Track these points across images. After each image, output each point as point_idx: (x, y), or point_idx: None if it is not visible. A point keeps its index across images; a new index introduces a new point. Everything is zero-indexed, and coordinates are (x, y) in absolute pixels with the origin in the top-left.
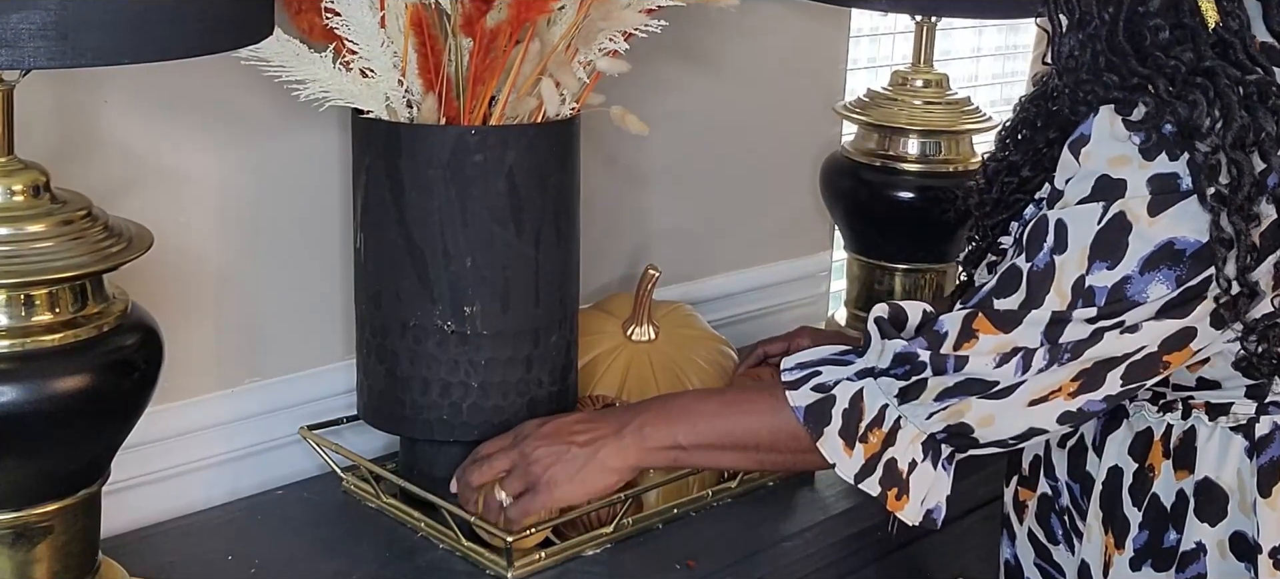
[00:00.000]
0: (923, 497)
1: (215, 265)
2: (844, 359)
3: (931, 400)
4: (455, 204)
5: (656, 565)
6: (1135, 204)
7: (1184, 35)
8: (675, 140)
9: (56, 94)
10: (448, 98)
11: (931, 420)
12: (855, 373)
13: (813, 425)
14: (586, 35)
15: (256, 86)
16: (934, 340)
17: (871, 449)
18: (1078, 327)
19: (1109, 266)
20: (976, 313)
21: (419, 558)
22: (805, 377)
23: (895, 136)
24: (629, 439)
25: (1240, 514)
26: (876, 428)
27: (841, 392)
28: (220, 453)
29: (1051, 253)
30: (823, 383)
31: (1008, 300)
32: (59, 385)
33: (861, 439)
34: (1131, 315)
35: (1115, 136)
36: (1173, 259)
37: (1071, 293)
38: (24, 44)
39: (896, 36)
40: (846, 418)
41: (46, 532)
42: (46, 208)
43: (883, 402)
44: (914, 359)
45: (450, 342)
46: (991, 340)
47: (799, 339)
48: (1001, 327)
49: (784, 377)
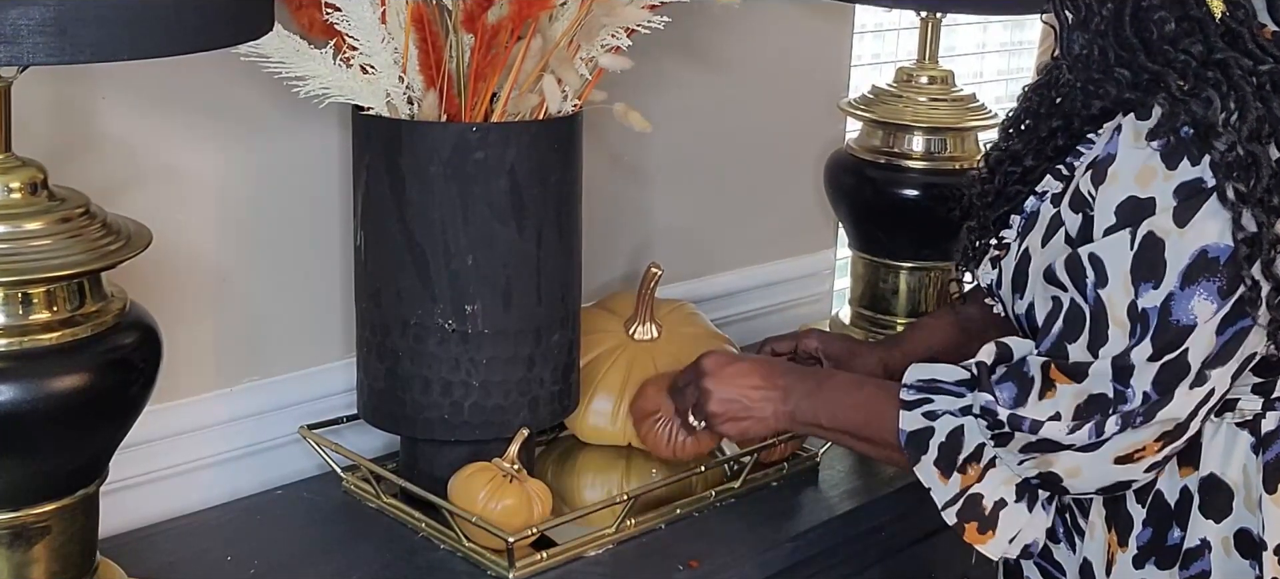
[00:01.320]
0: (1013, 535)
1: (214, 263)
2: (958, 389)
3: (1018, 451)
4: (456, 202)
5: (658, 565)
6: (1162, 218)
7: (1192, 27)
8: (678, 137)
9: (54, 91)
10: (449, 94)
11: (1023, 467)
12: (960, 407)
13: (912, 451)
14: (589, 31)
15: (256, 83)
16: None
17: (967, 481)
18: (1142, 372)
19: (1154, 286)
20: (1051, 363)
21: (419, 558)
22: (920, 400)
23: (900, 133)
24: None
25: (1245, 511)
26: (974, 462)
27: (942, 426)
28: (219, 452)
29: (1096, 288)
30: (931, 411)
31: (1077, 345)
32: (57, 384)
33: (960, 470)
34: (1188, 344)
35: (1138, 148)
36: (1209, 269)
37: (1129, 319)
38: (23, 40)
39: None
40: (943, 451)
41: (44, 532)
42: (44, 205)
43: (981, 440)
44: (995, 417)
45: (451, 340)
46: (1068, 390)
47: (806, 340)
48: (1074, 377)
49: (903, 394)
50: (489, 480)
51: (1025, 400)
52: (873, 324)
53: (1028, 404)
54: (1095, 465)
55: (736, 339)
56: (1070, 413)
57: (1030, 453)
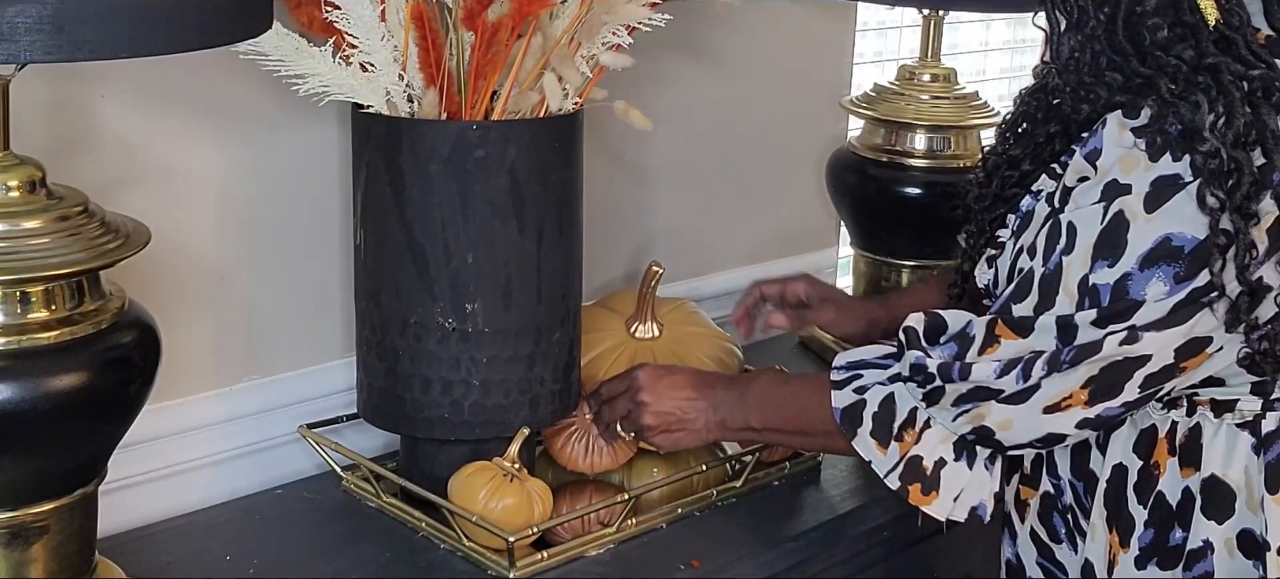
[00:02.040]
0: (957, 493)
1: (213, 262)
2: (884, 362)
3: (950, 405)
4: (456, 200)
5: (660, 565)
6: (1133, 201)
7: (1185, 33)
8: (679, 135)
9: (52, 88)
10: (449, 92)
11: (957, 422)
12: (888, 377)
13: (847, 427)
14: (589, 29)
15: (255, 81)
16: (962, 346)
17: (906, 447)
18: (1085, 330)
19: (1110, 264)
20: (998, 318)
21: (420, 558)
22: (849, 377)
23: (902, 132)
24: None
25: (1248, 512)
26: (909, 428)
27: (873, 396)
28: (218, 452)
29: (1061, 255)
30: (861, 385)
31: (1023, 305)
32: (55, 383)
33: (897, 438)
34: (1137, 317)
35: (1123, 143)
36: (1171, 256)
37: (1078, 291)
38: (20, 37)
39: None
40: (877, 420)
41: (42, 532)
42: (42, 204)
43: (913, 404)
44: (924, 370)
45: (451, 339)
46: (1012, 345)
47: (794, 284)
48: (1019, 332)
49: (832, 374)
50: (489, 480)
51: (964, 355)
52: None
53: (967, 359)
54: (1026, 416)
55: (738, 338)
56: (995, 369)
57: (962, 405)
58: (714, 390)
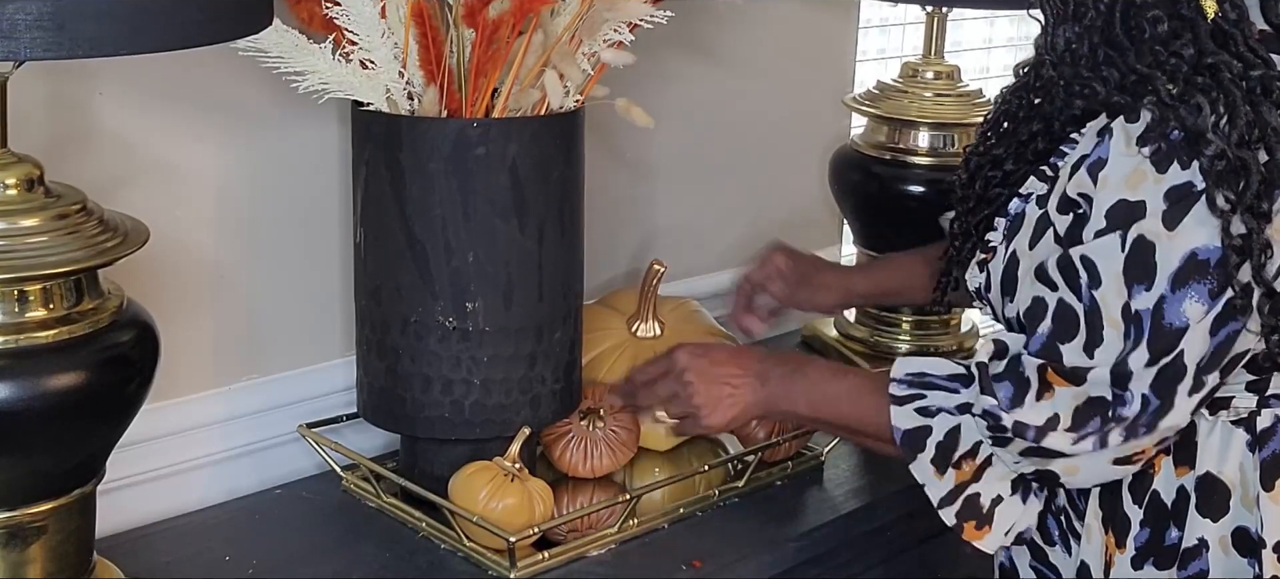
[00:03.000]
0: (1007, 529)
1: (212, 260)
2: (951, 385)
3: (1017, 454)
4: (457, 198)
5: (661, 566)
6: (1152, 222)
7: (1183, 27)
8: (681, 133)
9: (50, 86)
10: (449, 90)
11: (1020, 465)
12: (956, 406)
13: (908, 449)
14: (590, 26)
15: (255, 78)
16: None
17: (961, 478)
18: (1140, 378)
19: (1146, 288)
20: (1047, 366)
21: (420, 558)
22: (912, 395)
23: (905, 129)
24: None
25: (1243, 509)
26: (970, 459)
27: (939, 424)
28: (217, 451)
29: (1089, 289)
30: (926, 407)
31: (1072, 345)
32: (53, 383)
33: (955, 466)
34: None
35: (1129, 153)
36: (1199, 271)
37: (1123, 321)
38: (20, 35)
39: (906, 28)
40: (940, 450)
41: (40, 532)
42: (41, 202)
43: (978, 438)
44: (998, 421)
45: (452, 338)
46: (1066, 393)
47: (774, 256)
48: (1072, 380)
49: (893, 388)
50: (490, 479)
51: (1022, 401)
52: (877, 322)
53: (1025, 405)
54: (1094, 465)
55: (740, 337)
56: (1069, 417)
57: (1031, 456)
58: (760, 365)
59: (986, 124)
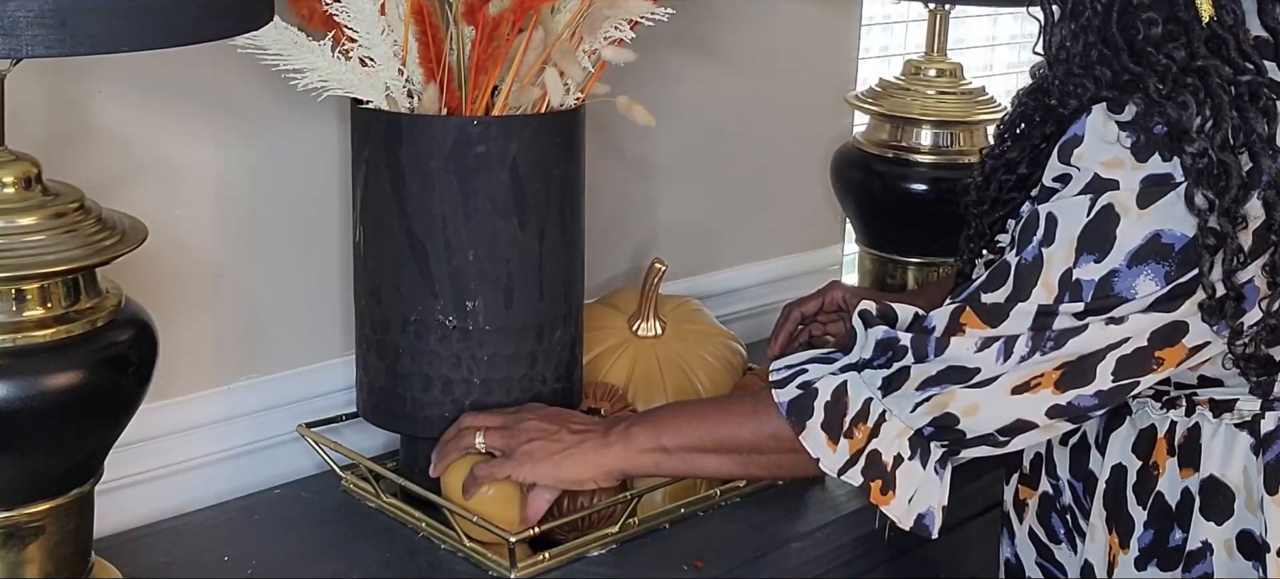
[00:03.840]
0: (910, 495)
1: (211, 259)
2: (829, 357)
3: (914, 389)
4: (457, 196)
5: (663, 566)
6: (1125, 196)
7: (1177, 30)
8: (682, 131)
9: (48, 84)
10: (449, 87)
11: (916, 413)
12: (839, 367)
13: (795, 420)
14: (591, 23)
15: (253, 75)
16: (921, 333)
17: (856, 444)
18: (1064, 319)
19: (1096, 260)
20: (964, 307)
21: (420, 558)
22: (791, 375)
23: (908, 127)
24: (614, 439)
25: (1247, 512)
26: (861, 422)
27: (824, 385)
28: (216, 451)
29: (1040, 245)
30: (806, 379)
31: (995, 294)
32: (51, 382)
33: (846, 434)
34: (1120, 310)
35: (1107, 138)
36: (1161, 254)
37: (1058, 285)
38: (21, 31)
39: (909, 25)
40: (829, 411)
41: (38, 532)
42: (38, 200)
43: (867, 395)
44: (896, 344)
45: (452, 337)
46: (978, 334)
47: (831, 292)
48: (988, 320)
49: (771, 376)
50: None
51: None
52: None
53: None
54: (993, 401)
55: (742, 335)
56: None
57: (927, 389)
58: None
59: (1003, 126)
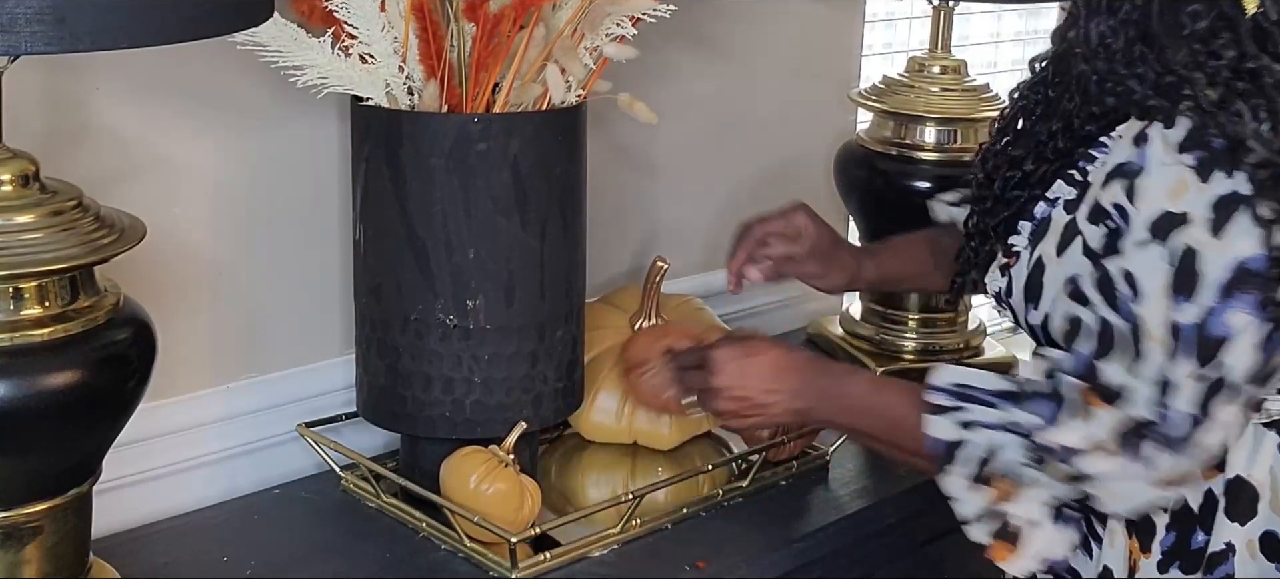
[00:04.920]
0: (1039, 552)
1: (210, 257)
2: (993, 401)
3: (1062, 480)
4: (458, 194)
5: (665, 566)
6: (1197, 231)
7: (1222, 25)
8: (685, 129)
9: (46, 81)
10: (450, 84)
11: (1058, 488)
12: (999, 422)
13: (941, 461)
14: (593, 20)
15: (253, 72)
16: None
17: (994, 496)
18: (1184, 390)
19: (1188, 299)
20: (1088, 387)
21: (420, 559)
22: (952, 406)
23: (912, 125)
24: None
25: (1272, 513)
26: (1004, 478)
27: (978, 439)
28: (215, 451)
29: (1129, 304)
30: (966, 421)
31: (1111, 366)
32: (49, 381)
33: (989, 483)
34: (1227, 359)
35: (1169, 161)
36: (1248, 283)
37: (1169, 337)
38: (20, 28)
39: (913, 21)
40: (977, 465)
41: (36, 532)
42: (36, 198)
43: (1018, 460)
44: (1037, 441)
45: (453, 336)
46: (1106, 415)
47: (794, 216)
48: (1111, 400)
49: (931, 395)
50: (483, 463)
51: (1061, 421)
52: (883, 318)
53: (1064, 426)
54: (1133, 490)
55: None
56: (1111, 438)
57: (1071, 481)
58: (798, 376)
59: (1002, 121)
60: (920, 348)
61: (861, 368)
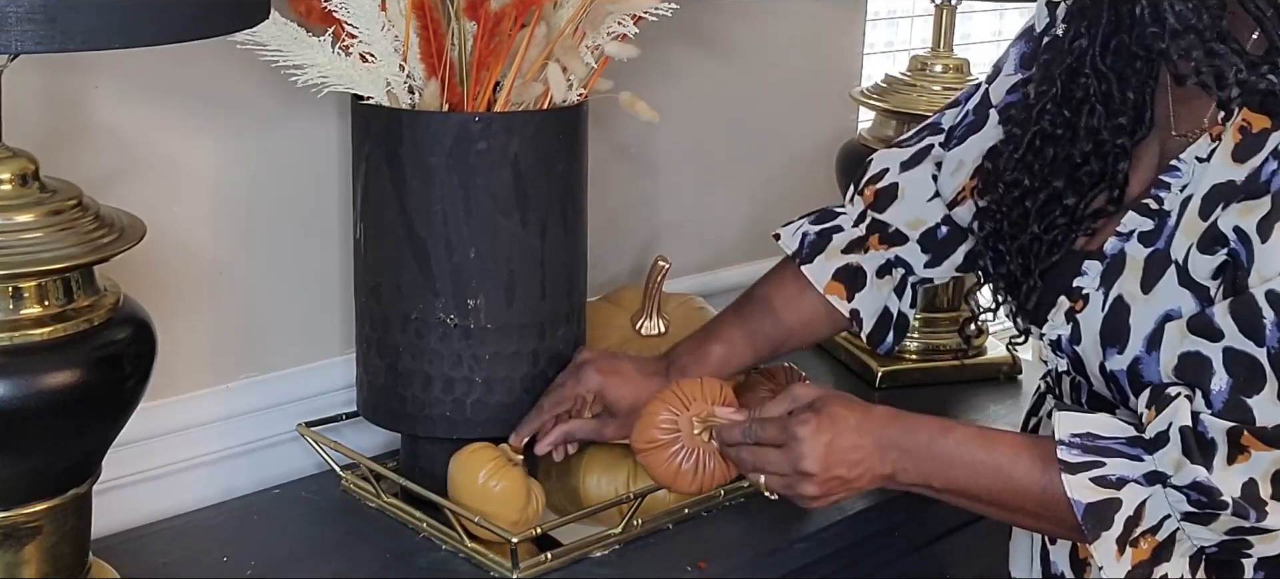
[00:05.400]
0: None
1: (210, 257)
2: (1131, 452)
3: (1222, 532)
4: (458, 193)
5: (666, 567)
6: None
7: None
8: (686, 127)
9: (45, 79)
10: (450, 83)
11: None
12: (1144, 475)
13: (1092, 526)
14: (594, 18)
15: (253, 72)
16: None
17: (1141, 555)
18: None
19: None
20: (1240, 428)
21: (421, 559)
22: (1086, 462)
23: (914, 123)
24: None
25: None
26: (1150, 535)
27: (1128, 496)
28: (215, 451)
29: (1277, 328)
30: (1105, 477)
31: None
32: (48, 381)
33: (1133, 543)
34: None
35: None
36: None
37: None
38: (11, 28)
39: (915, 20)
40: (1127, 524)
41: (35, 533)
42: (35, 197)
43: (1167, 513)
44: (1216, 496)
45: (453, 335)
46: (1265, 457)
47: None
48: (1270, 441)
49: (1063, 452)
50: (492, 460)
51: (1210, 465)
52: None
53: (1214, 471)
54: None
55: None
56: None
57: (1236, 534)
58: (886, 430)
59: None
60: (922, 347)
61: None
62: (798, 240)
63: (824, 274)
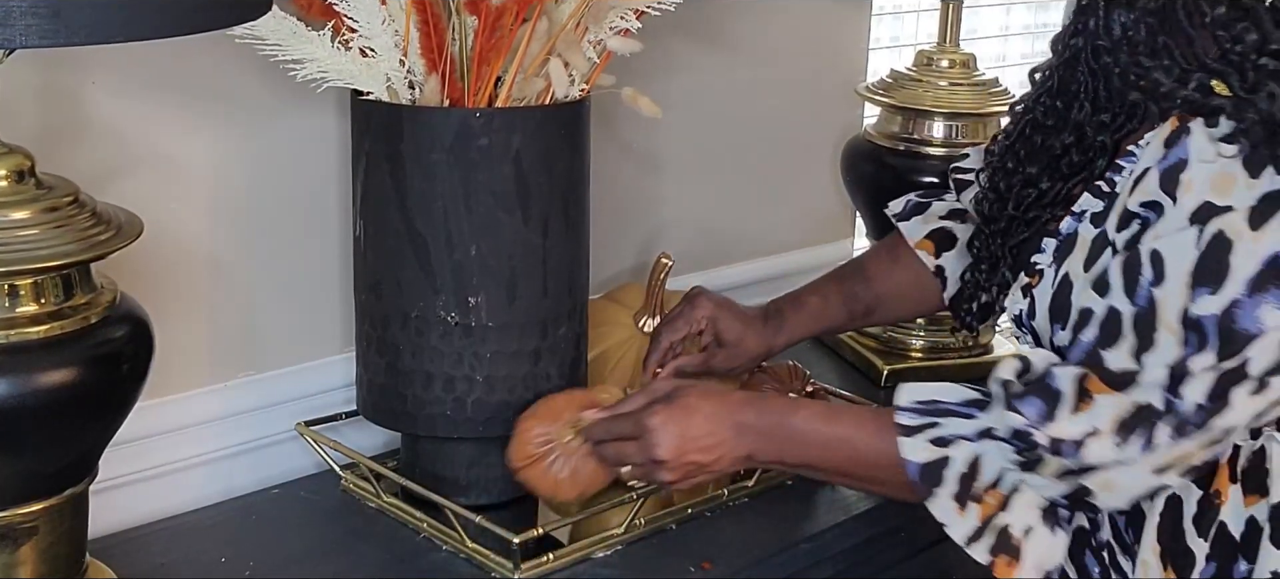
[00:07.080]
0: (1038, 561)
1: (208, 254)
2: (965, 411)
3: (1053, 476)
4: (459, 190)
5: (670, 567)
6: (1235, 219)
7: (1241, 13)
8: (689, 123)
9: (42, 75)
10: (451, 78)
11: (1052, 487)
12: (976, 432)
13: (925, 485)
14: (596, 13)
15: (252, 66)
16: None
17: (986, 511)
18: (1199, 380)
19: (1212, 292)
20: (1088, 373)
21: (421, 559)
22: (923, 425)
23: (920, 119)
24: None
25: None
26: (993, 489)
27: (959, 453)
28: (213, 450)
29: (1150, 287)
30: (940, 437)
31: (1117, 351)
32: (44, 380)
33: (977, 499)
34: (1251, 352)
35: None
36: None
37: (1181, 327)
38: (14, 22)
39: (921, 15)
40: (962, 481)
41: (31, 533)
42: (31, 194)
43: (1002, 466)
44: (1029, 438)
45: (454, 334)
46: (1108, 401)
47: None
48: (1116, 385)
49: (900, 417)
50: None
51: (1054, 415)
52: None
53: (1059, 419)
54: (1133, 477)
55: None
56: (1111, 427)
57: (1066, 478)
58: (740, 414)
59: (1009, 137)
60: (928, 345)
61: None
62: (903, 204)
63: (918, 232)
